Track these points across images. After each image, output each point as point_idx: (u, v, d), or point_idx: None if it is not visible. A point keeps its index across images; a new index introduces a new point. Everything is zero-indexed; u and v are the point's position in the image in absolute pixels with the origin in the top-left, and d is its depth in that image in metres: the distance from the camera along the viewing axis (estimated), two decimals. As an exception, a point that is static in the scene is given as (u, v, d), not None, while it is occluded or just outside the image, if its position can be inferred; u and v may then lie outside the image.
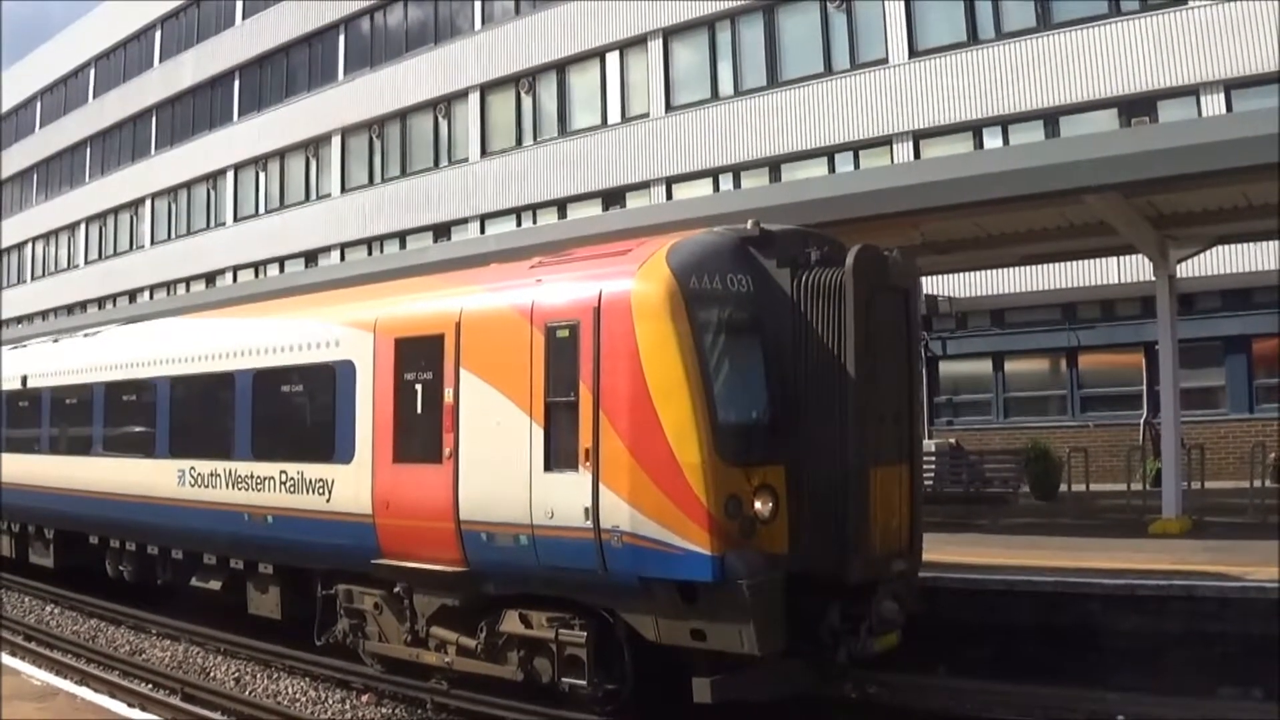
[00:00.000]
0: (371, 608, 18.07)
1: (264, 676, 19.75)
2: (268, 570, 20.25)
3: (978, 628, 17.35)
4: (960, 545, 20.72)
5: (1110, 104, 36.46)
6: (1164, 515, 22.94)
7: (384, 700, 17.83)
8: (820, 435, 13.96)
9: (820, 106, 42.52)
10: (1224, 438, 33.87)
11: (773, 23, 44.31)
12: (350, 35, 59.85)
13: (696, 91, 46.61)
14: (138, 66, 75.50)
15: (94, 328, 30.86)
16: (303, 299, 22.84)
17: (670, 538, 13.63)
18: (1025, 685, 16.17)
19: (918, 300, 16.02)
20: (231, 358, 20.88)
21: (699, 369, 13.79)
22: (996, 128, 38.65)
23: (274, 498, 19.18)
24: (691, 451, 13.58)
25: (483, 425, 15.72)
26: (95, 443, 25.01)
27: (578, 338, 14.66)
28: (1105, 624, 16.56)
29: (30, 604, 27.20)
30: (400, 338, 17.26)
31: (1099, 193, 20.50)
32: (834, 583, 13.93)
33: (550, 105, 51.49)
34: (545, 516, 14.78)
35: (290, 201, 63.14)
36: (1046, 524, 25.38)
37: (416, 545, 16.59)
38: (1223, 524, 23.46)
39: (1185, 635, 16.04)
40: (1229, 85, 34.26)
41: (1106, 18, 36.52)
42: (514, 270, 16.98)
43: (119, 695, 18.01)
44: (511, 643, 15.95)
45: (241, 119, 66.13)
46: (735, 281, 14.41)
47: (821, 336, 14.02)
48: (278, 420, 19.94)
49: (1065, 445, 32.49)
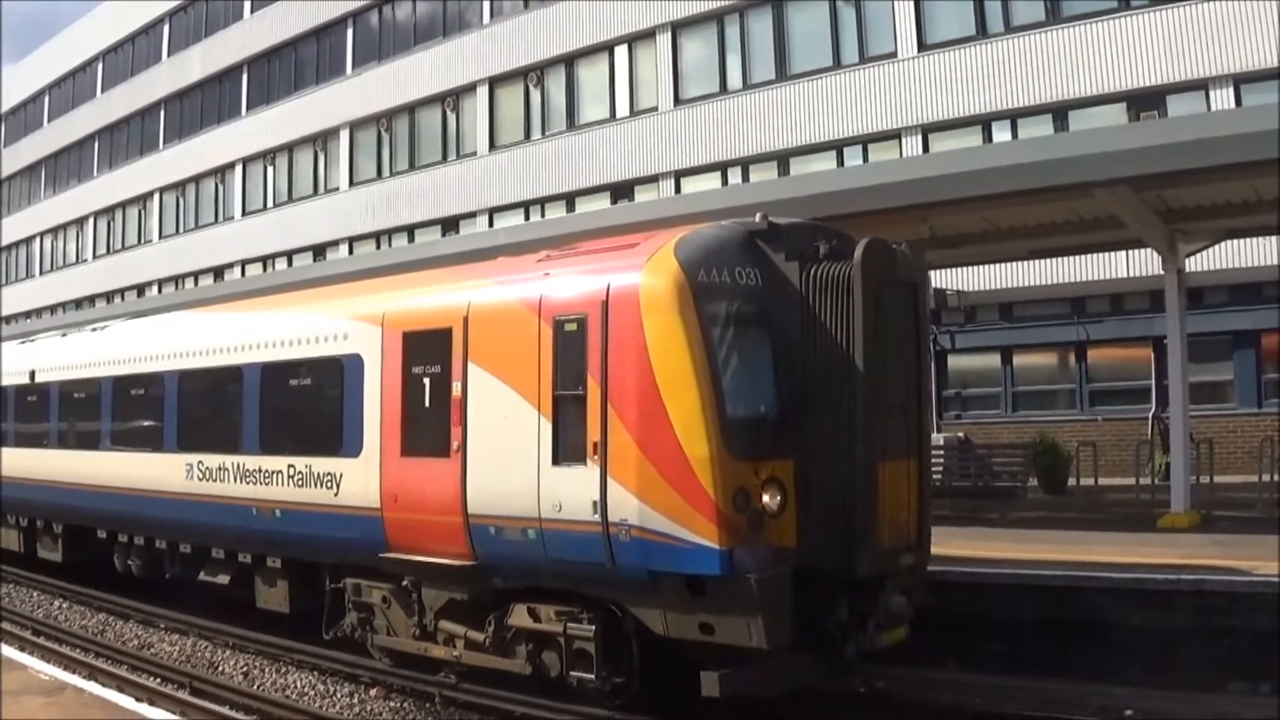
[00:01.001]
0: (380, 601, 18.07)
1: (272, 670, 19.77)
2: (276, 564, 20.26)
3: (986, 622, 17.33)
4: (968, 539, 20.74)
5: (1119, 98, 36.44)
6: (1172, 509, 22.93)
7: (392, 694, 17.84)
8: (828, 429, 13.94)
9: (829, 100, 42.50)
10: (1233, 432, 33.81)
11: (781, 16, 44.28)
12: (359, 29, 59.88)
13: (705, 85, 46.61)
14: (145, 61, 75.57)
15: (102, 322, 30.85)
16: (310, 293, 22.82)
17: (678, 531, 13.62)
18: (1034, 680, 16.16)
19: (926, 294, 15.99)
20: (239, 351, 20.88)
21: (707, 362, 13.77)
22: (1005, 122, 38.64)
23: (282, 491, 19.18)
24: (700, 445, 13.56)
25: (491, 419, 15.71)
26: (103, 437, 25.01)
27: (586, 331, 14.64)
28: (1114, 618, 16.52)
29: (39, 598, 27.24)
30: (408, 331, 17.25)
31: (1108, 187, 20.46)
32: (842, 577, 13.91)
33: (559, 99, 51.47)
34: (553, 510, 14.77)
35: (298, 195, 63.20)
36: (1055, 518, 25.38)
37: (424, 539, 16.59)
38: (1231, 518, 23.46)
39: (1193, 630, 16.02)
40: (1238, 80, 34.23)
41: (1115, 12, 36.49)
42: (522, 264, 16.95)
43: (127, 689, 18.01)
44: (520, 636, 15.95)
45: (249, 113, 66.19)
46: (743, 275, 14.38)
47: (830, 330, 14.00)
48: (285, 414, 19.92)
49: (1074, 439, 32.62)
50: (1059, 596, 17.03)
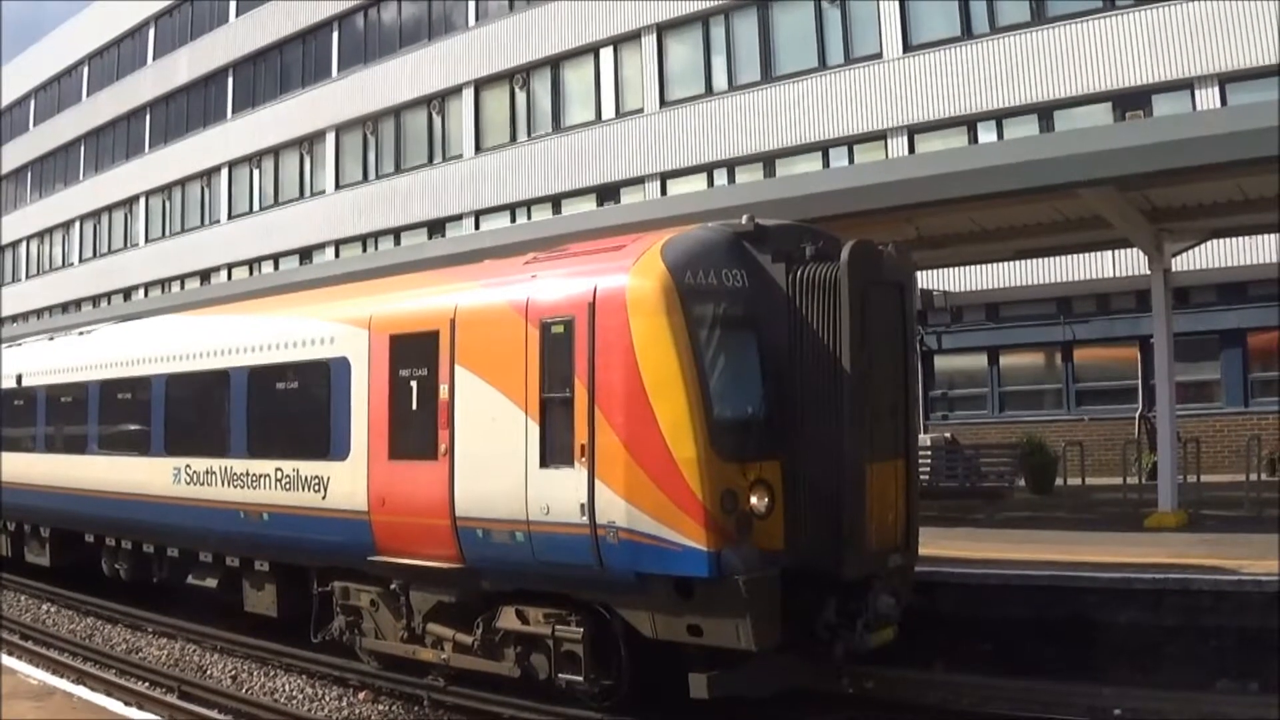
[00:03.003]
0: (368, 605, 18.07)
1: (261, 674, 19.75)
2: (264, 568, 20.25)
3: (974, 622, 17.35)
4: (956, 540, 20.76)
5: (1105, 98, 36.50)
6: (1160, 509, 22.96)
7: (381, 697, 17.83)
8: (816, 430, 13.97)
9: (814, 101, 42.52)
10: (1219, 431, 33.87)
11: (767, 17, 44.29)
12: (344, 31, 59.79)
13: (691, 87, 46.60)
14: (132, 64, 75.39)
15: (89, 326, 30.84)
16: (297, 296, 22.84)
17: (666, 533, 13.64)
18: (1022, 680, 16.18)
19: (913, 295, 15.99)
20: (226, 355, 20.85)
21: (694, 364, 13.78)
22: (991, 122, 38.70)
23: (269, 495, 19.17)
24: (687, 447, 13.57)
25: (478, 421, 15.71)
26: (90, 441, 24.97)
27: (573, 333, 14.65)
28: (1102, 618, 16.55)
29: (27, 603, 27.19)
30: (395, 334, 17.25)
31: (1093, 187, 20.51)
32: (830, 578, 13.94)
33: (545, 101, 51.46)
34: (541, 512, 14.78)
35: (285, 198, 63.09)
36: (1042, 518, 25.41)
37: (412, 542, 16.58)
38: (1218, 517, 23.49)
39: (1181, 629, 16.05)
40: (1223, 79, 34.29)
41: (1101, 12, 36.55)
42: (509, 266, 16.96)
43: (116, 694, 18.01)
44: (508, 639, 15.96)
45: (236, 116, 66.04)
46: (730, 277, 14.40)
47: (817, 331, 14.01)
48: (273, 418, 19.89)
49: (1061, 439, 32.68)
50: (1047, 596, 17.05)
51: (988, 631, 17.29)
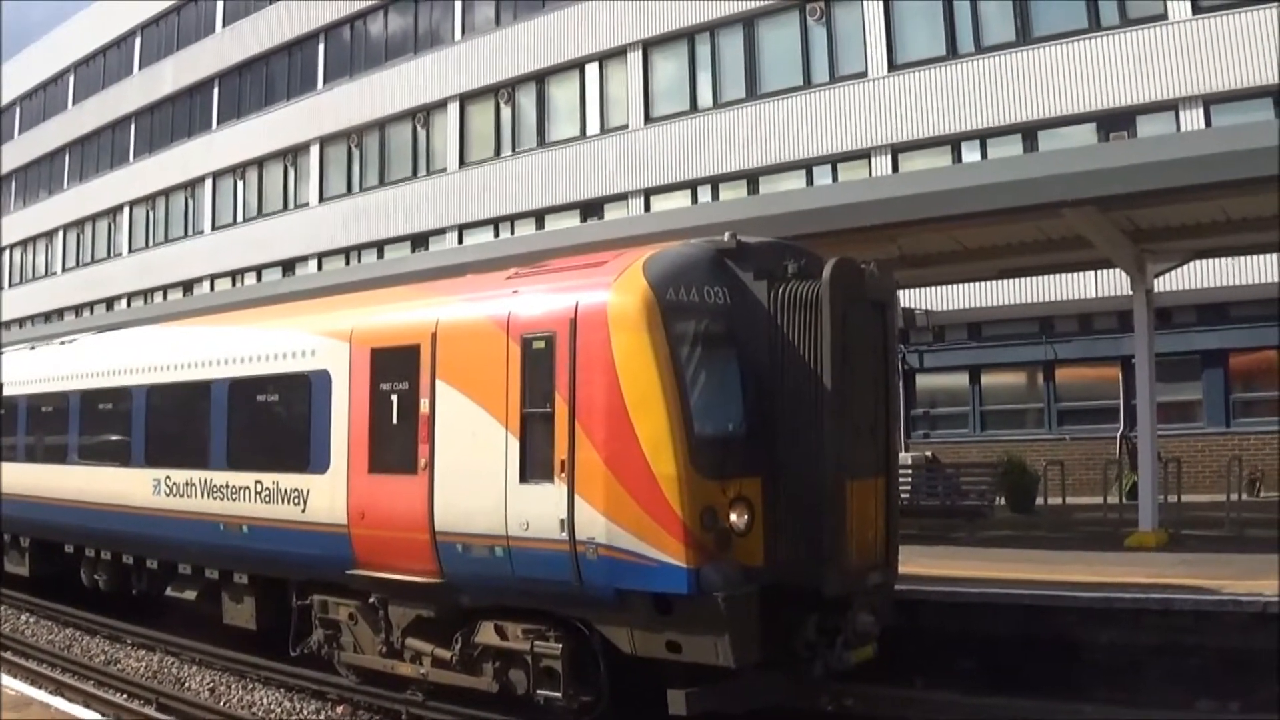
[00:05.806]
0: (346, 618, 18.02)
1: (239, 687, 19.69)
2: (243, 580, 20.17)
3: (954, 640, 17.35)
4: (937, 558, 20.76)
5: (1089, 119, 36.63)
6: (1140, 528, 22.99)
7: (359, 711, 17.80)
8: (796, 447, 13.96)
9: (799, 119, 42.62)
10: (1200, 451, 33.96)
11: (752, 35, 44.40)
12: (330, 44, 59.80)
13: (676, 103, 46.68)
14: (117, 73, 75.33)
15: (71, 335, 30.75)
16: (279, 308, 22.75)
17: (645, 550, 13.62)
18: (1002, 698, 16.17)
19: (894, 313, 16.04)
20: (207, 367, 20.81)
21: (675, 381, 13.77)
22: (975, 142, 38.83)
23: (249, 507, 19.11)
24: (667, 463, 13.56)
25: (458, 436, 15.69)
26: (71, 451, 24.89)
27: (554, 349, 14.64)
28: (1082, 637, 16.56)
29: (4, 613, 27.04)
30: (376, 348, 17.22)
31: (1076, 207, 20.55)
32: (810, 595, 13.92)
33: (530, 116, 51.49)
34: (521, 528, 14.75)
35: (268, 210, 63.02)
36: (1023, 537, 25.40)
37: (392, 556, 16.54)
38: (1199, 537, 23.53)
39: (1162, 648, 16.06)
40: (1208, 100, 34.45)
41: (1086, 32, 36.68)
42: (491, 281, 16.95)
43: (94, 705, 17.99)
44: (487, 654, 15.92)
45: (220, 127, 66.01)
46: (712, 294, 14.42)
47: (798, 349, 14.02)
48: (253, 430, 19.86)
49: (1042, 458, 32.68)
50: (1027, 615, 17.05)
51: (968, 650, 17.28)
